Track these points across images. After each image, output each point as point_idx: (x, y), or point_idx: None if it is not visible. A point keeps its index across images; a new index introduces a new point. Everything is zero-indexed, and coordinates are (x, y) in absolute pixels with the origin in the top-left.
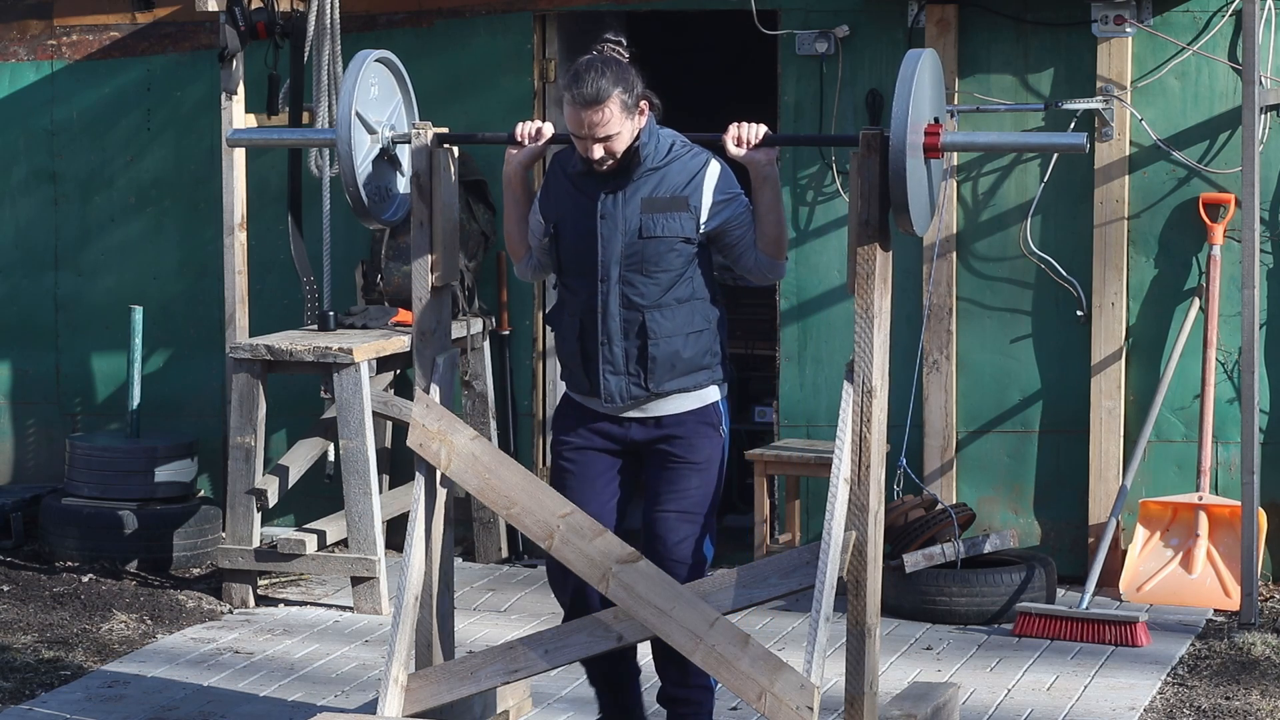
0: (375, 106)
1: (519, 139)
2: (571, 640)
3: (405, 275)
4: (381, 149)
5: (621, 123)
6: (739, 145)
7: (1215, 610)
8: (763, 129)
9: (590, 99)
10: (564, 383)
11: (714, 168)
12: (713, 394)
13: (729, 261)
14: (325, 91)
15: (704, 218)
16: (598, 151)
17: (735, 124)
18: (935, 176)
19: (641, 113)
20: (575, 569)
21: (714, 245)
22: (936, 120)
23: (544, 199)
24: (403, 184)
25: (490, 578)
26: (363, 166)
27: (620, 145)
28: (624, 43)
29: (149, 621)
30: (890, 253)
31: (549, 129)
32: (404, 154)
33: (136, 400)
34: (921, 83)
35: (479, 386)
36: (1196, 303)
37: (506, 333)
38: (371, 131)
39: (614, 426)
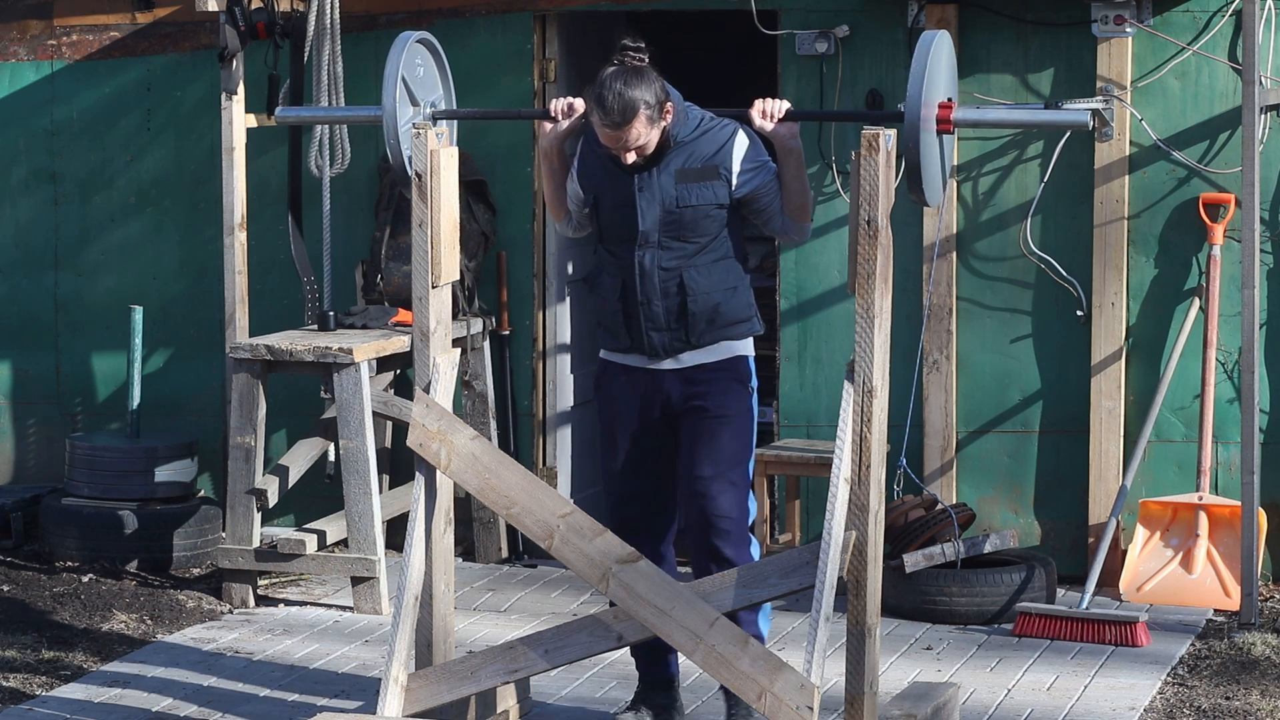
0: (421, 85)
1: (553, 114)
2: (571, 640)
3: (405, 275)
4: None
5: (649, 132)
6: (764, 118)
7: (1215, 610)
8: (785, 104)
9: (618, 122)
10: (601, 343)
11: (742, 137)
12: (744, 347)
13: (758, 223)
14: (325, 91)
15: (735, 183)
16: (630, 158)
17: (760, 99)
18: (947, 152)
19: (666, 114)
20: (575, 569)
21: (744, 209)
22: (950, 99)
23: (581, 170)
24: None
25: (490, 578)
26: (405, 129)
27: (651, 147)
28: (643, 46)
29: (149, 621)
30: (890, 253)
31: (581, 104)
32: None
33: (136, 400)
34: (937, 61)
35: (479, 386)
36: (1196, 303)
37: (506, 333)
38: (415, 104)
39: (651, 384)
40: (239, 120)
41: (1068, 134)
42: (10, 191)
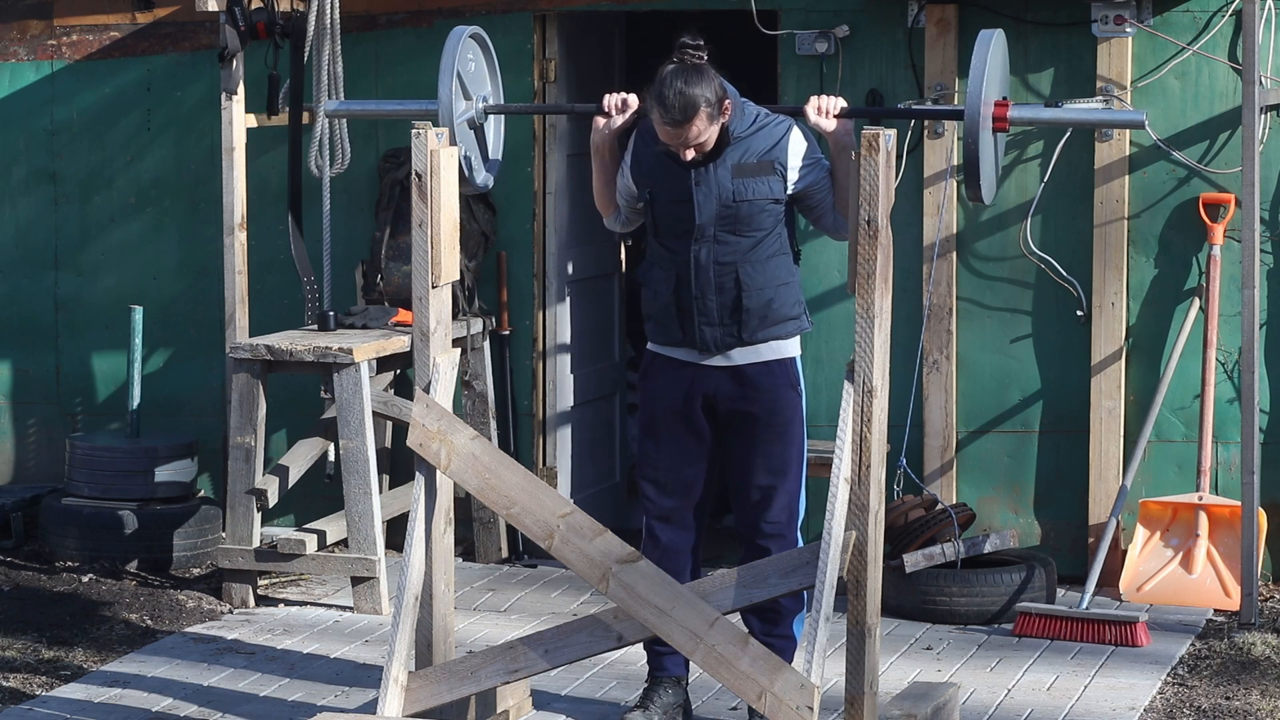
0: (472, 80)
1: (606, 110)
2: (571, 640)
3: (405, 275)
4: (470, 120)
5: (709, 130)
6: (820, 115)
7: (1215, 610)
8: (841, 101)
9: (679, 119)
10: (650, 336)
11: (797, 134)
12: (793, 348)
13: (810, 219)
14: (325, 91)
15: (791, 179)
16: (689, 154)
17: (816, 96)
18: (1000, 149)
19: (725, 111)
20: (575, 569)
21: (797, 205)
22: (1005, 97)
23: (635, 166)
24: (492, 149)
25: (490, 578)
26: (459, 123)
27: (709, 144)
28: (701, 44)
29: (149, 621)
30: (890, 253)
31: (634, 100)
32: (490, 126)
33: (136, 400)
34: (995, 61)
35: (479, 386)
36: (1196, 303)
37: (506, 333)
38: (468, 97)
39: (697, 379)
40: (239, 120)
41: (1068, 134)
42: (10, 191)
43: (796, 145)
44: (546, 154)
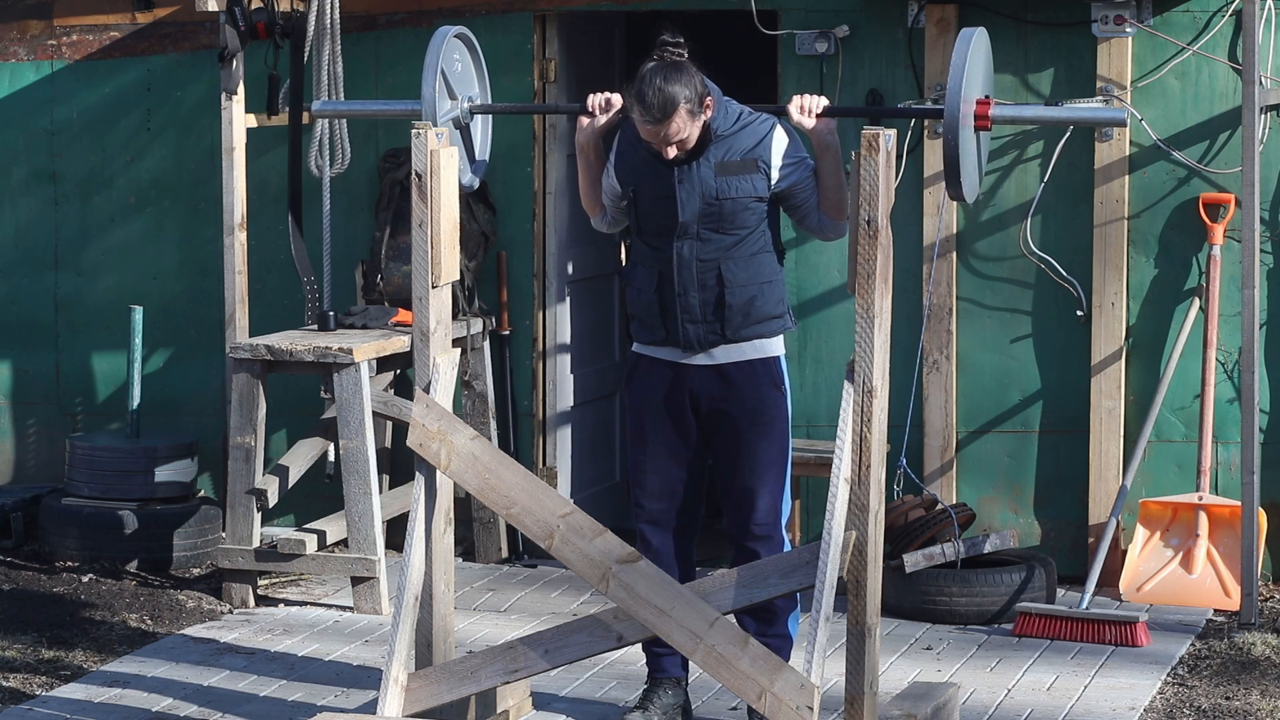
0: (458, 80)
1: (590, 109)
2: (571, 640)
3: (405, 275)
4: (456, 120)
5: (689, 127)
6: (803, 114)
7: (1215, 610)
8: (823, 100)
9: (658, 117)
10: (635, 337)
11: (780, 132)
12: (776, 346)
13: (794, 220)
14: (325, 91)
15: (775, 177)
16: (671, 152)
17: (799, 95)
18: (983, 148)
19: (706, 108)
20: (575, 569)
21: (781, 204)
22: (987, 96)
23: (619, 164)
24: (479, 150)
25: (490, 578)
26: (444, 122)
27: (691, 142)
28: (682, 42)
29: (149, 621)
30: (890, 253)
31: (618, 99)
32: (477, 127)
33: (136, 400)
34: (975, 59)
35: (479, 386)
36: (1196, 303)
37: (506, 333)
38: (453, 97)
39: (682, 379)
40: (239, 120)
41: (1068, 134)
42: (10, 191)
43: (780, 143)
44: (546, 154)
